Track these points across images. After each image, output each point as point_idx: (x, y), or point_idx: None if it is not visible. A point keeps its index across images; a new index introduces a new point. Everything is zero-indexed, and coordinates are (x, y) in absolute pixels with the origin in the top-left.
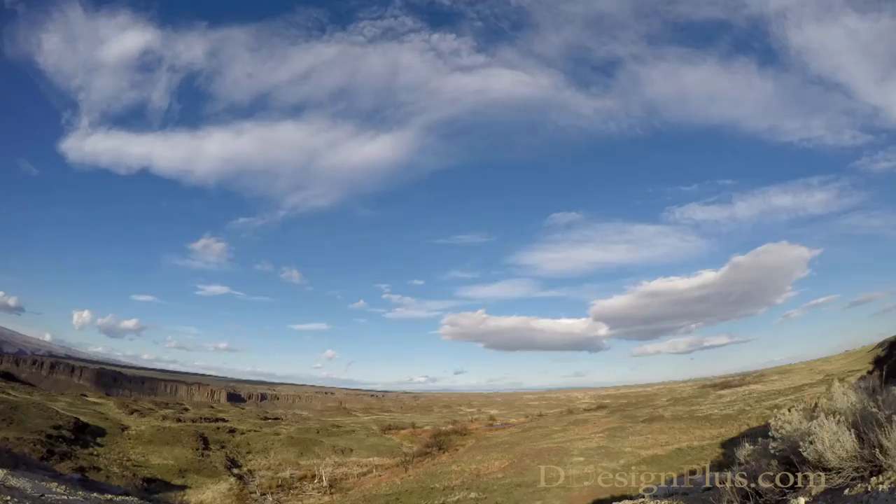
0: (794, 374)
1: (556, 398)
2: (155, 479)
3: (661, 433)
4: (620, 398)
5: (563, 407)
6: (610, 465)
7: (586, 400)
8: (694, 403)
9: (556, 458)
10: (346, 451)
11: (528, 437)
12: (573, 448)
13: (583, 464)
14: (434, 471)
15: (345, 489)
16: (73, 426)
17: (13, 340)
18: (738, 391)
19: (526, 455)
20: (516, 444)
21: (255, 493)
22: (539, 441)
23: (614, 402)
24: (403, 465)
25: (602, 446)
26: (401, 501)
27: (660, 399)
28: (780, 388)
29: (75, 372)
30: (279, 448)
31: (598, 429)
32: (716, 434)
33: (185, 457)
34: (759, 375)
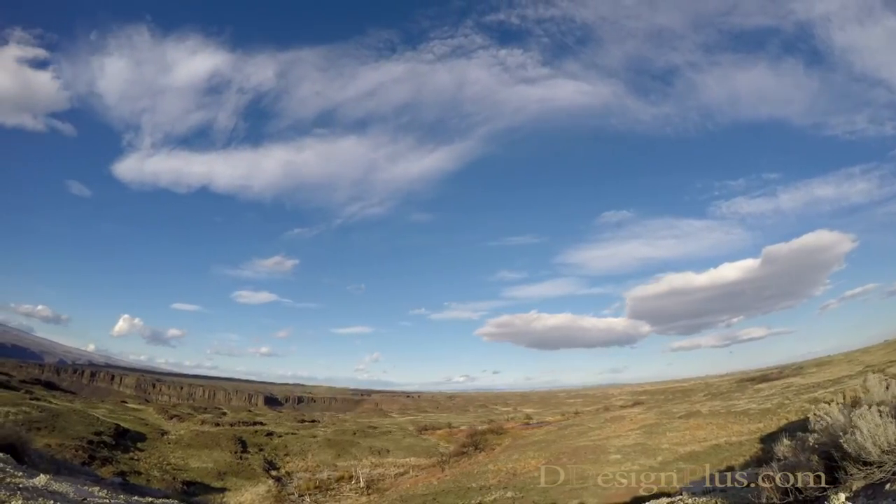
0: (833, 366)
1: (593, 395)
2: (194, 482)
3: (698, 429)
4: (657, 394)
5: (599, 404)
6: (647, 463)
7: (622, 397)
8: (731, 398)
9: (593, 455)
10: (382, 452)
11: (564, 436)
12: (610, 446)
13: (620, 461)
14: (470, 470)
15: (382, 490)
16: (114, 432)
17: (54, 351)
18: (776, 385)
19: (562, 453)
20: (553, 443)
21: (292, 494)
22: (575, 439)
23: (651, 399)
24: (440, 464)
25: (639, 443)
26: (438, 501)
27: (697, 394)
28: (819, 381)
29: (115, 379)
30: (316, 450)
31: (635, 425)
32: (754, 429)
33: (223, 460)
34: (797, 368)
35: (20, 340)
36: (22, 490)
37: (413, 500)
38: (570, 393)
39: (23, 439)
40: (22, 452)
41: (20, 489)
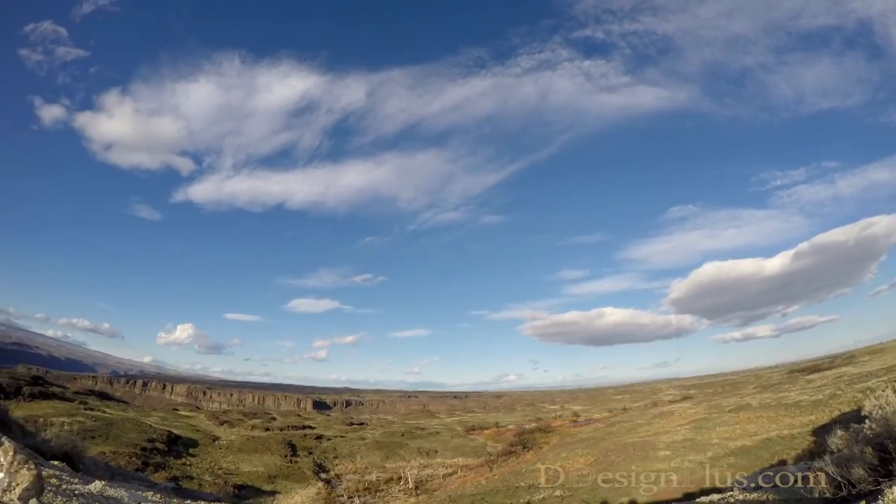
0: (885, 354)
1: (641, 391)
2: (245, 486)
3: (748, 423)
4: (706, 388)
5: (647, 399)
6: (697, 458)
7: (671, 391)
8: (782, 390)
9: (642, 452)
10: (430, 453)
11: (612, 433)
12: (659, 442)
13: (669, 458)
14: (518, 469)
15: (430, 490)
16: (166, 438)
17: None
18: (828, 375)
19: (611, 451)
20: (601, 440)
21: (342, 496)
22: (624, 436)
23: (700, 393)
24: (488, 464)
25: (688, 439)
26: (486, 501)
27: (747, 387)
28: (872, 370)
29: (167, 388)
30: (365, 452)
31: (684, 421)
32: (806, 421)
33: (274, 463)
34: (848, 357)
35: (73, 354)
36: (78, 496)
37: (461, 501)
38: (618, 389)
39: (77, 448)
40: (77, 460)
41: (76, 495)
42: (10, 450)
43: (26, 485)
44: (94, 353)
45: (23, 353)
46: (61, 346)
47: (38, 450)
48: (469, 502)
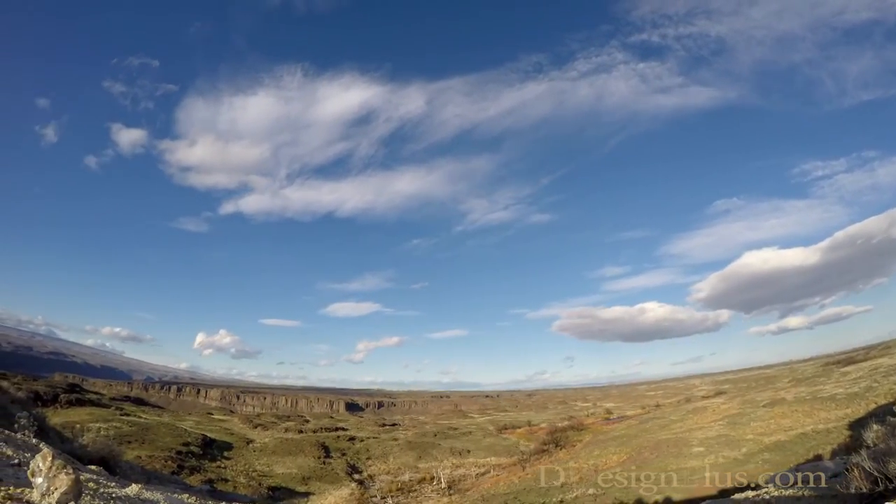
0: None
1: (674, 387)
2: (280, 488)
3: (783, 417)
4: (739, 382)
5: (680, 395)
6: (731, 455)
7: (704, 387)
8: (817, 383)
9: (675, 449)
10: (463, 453)
11: (645, 430)
12: (692, 438)
13: (703, 454)
14: (551, 468)
15: (463, 490)
16: (201, 442)
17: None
18: (863, 366)
19: (644, 448)
20: (634, 437)
21: (375, 496)
22: (657, 432)
23: (733, 387)
24: (521, 463)
25: (722, 434)
26: (519, 500)
27: (781, 381)
28: None
29: (201, 393)
30: (398, 453)
31: (718, 416)
32: (842, 415)
33: (307, 465)
34: (884, 348)
35: (109, 361)
36: (115, 499)
37: (494, 500)
38: (650, 385)
39: (114, 452)
40: (114, 464)
41: (113, 498)
42: (49, 455)
43: (64, 489)
44: (129, 361)
45: (59, 362)
46: (97, 354)
47: (76, 455)
48: (502, 501)
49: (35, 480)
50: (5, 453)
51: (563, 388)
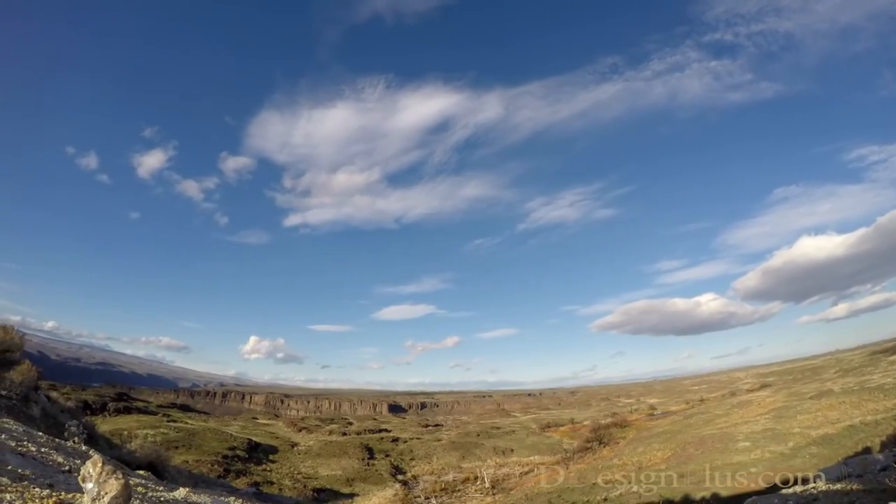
0: None
1: (718, 381)
2: (324, 489)
3: (830, 409)
4: (785, 374)
5: (724, 389)
6: (778, 449)
7: (749, 380)
8: (864, 373)
9: (721, 444)
10: (506, 452)
11: (689, 425)
12: (737, 433)
13: (749, 449)
14: (595, 465)
15: (507, 489)
16: (247, 446)
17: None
18: None
19: (689, 444)
20: (678, 433)
21: (419, 497)
22: (701, 428)
23: (779, 380)
24: (564, 461)
25: (768, 428)
26: (563, 498)
27: (827, 371)
28: None
29: (245, 398)
30: (441, 453)
31: (763, 410)
32: (890, 406)
33: (351, 467)
34: None
35: (155, 370)
36: (163, 503)
37: (538, 499)
38: (694, 380)
39: (161, 457)
40: (161, 469)
41: (162, 502)
42: (99, 462)
43: (114, 493)
44: (174, 369)
45: (107, 372)
46: (143, 363)
47: (124, 461)
48: (545, 500)
49: (86, 486)
50: (56, 460)
51: (607, 385)
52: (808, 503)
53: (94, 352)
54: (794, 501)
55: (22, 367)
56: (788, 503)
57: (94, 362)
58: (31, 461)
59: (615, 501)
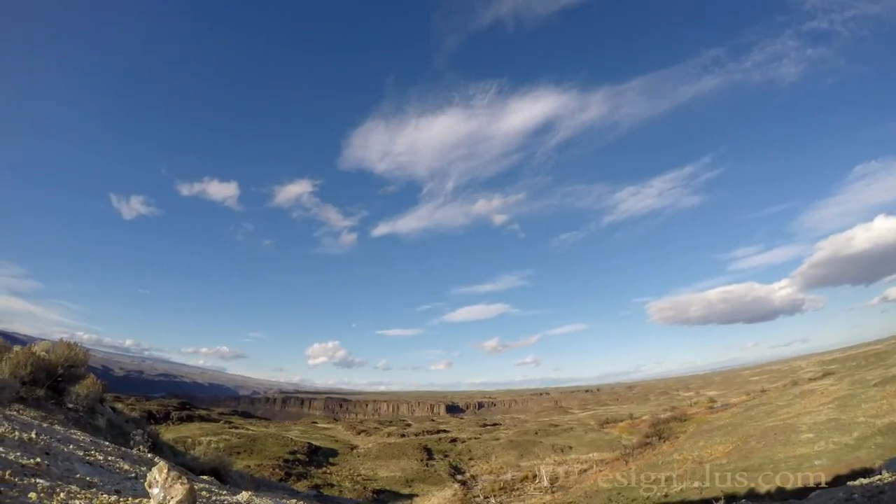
0: None
1: (778, 370)
2: (384, 490)
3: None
4: (848, 361)
5: (785, 379)
6: (842, 440)
7: (810, 368)
8: None
9: (783, 436)
10: (564, 449)
11: (750, 417)
12: (800, 424)
13: (812, 441)
14: (655, 461)
15: (566, 487)
16: (307, 450)
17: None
18: None
19: (750, 437)
20: (739, 426)
21: (478, 496)
22: (763, 420)
23: (841, 367)
24: (624, 458)
25: (832, 419)
26: (622, 495)
27: (892, 356)
28: None
29: (305, 403)
30: (499, 452)
31: (826, 399)
32: None
33: (410, 468)
34: None
35: (216, 379)
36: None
37: (598, 496)
38: (754, 370)
39: (224, 463)
40: (224, 474)
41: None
42: (164, 468)
43: (180, 497)
44: (234, 377)
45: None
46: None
47: (188, 467)
48: (605, 497)
49: (152, 491)
50: (123, 468)
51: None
52: (874, 496)
53: (157, 364)
54: (860, 494)
55: (87, 381)
56: (854, 496)
57: (156, 374)
58: (99, 469)
59: (676, 497)
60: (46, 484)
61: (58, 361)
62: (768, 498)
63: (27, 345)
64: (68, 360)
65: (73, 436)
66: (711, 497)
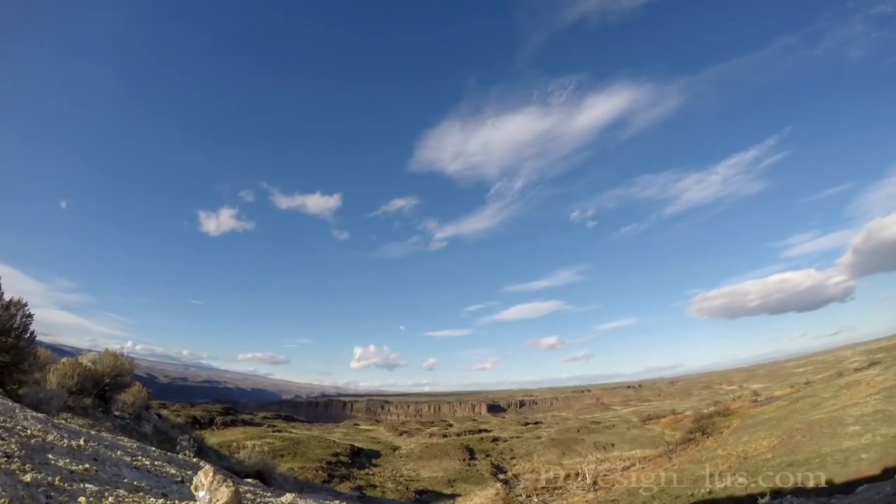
0: None
1: (823, 360)
2: (426, 491)
3: None
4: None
5: (830, 370)
6: (890, 432)
7: (856, 357)
8: None
9: (829, 429)
10: (607, 447)
11: (795, 410)
12: (847, 416)
13: (859, 433)
14: (699, 457)
15: (608, 485)
16: (350, 452)
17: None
18: None
19: (795, 430)
20: (784, 419)
21: (520, 495)
22: (808, 412)
23: (888, 356)
24: (667, 454)
25: (879, 410)
26: (666, 492)
27: None
28: None
29: (347, 406)
30: (541, 450)
31: (873, 390)
32: None
33: (452, 468)
34: None
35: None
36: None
37: (640, 493)
38: (798, 361)
39: (268, 465)
40: (268, 476)
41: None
42: (210, 471)
43: (225, 500)
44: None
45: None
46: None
47: (233, 470)
48: (648, 495)
49: (198, 494)
50: (169, 472)
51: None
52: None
53: (200, 370)
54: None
55: (133, 389)
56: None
57: (200, 380)
58: (146, 474)
59: (721, 494)
60: (95, 488)
61: (104, 371)
62: (815, 493)
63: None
64: (114, 369)
65: (120, 442)
66: (757, 493)
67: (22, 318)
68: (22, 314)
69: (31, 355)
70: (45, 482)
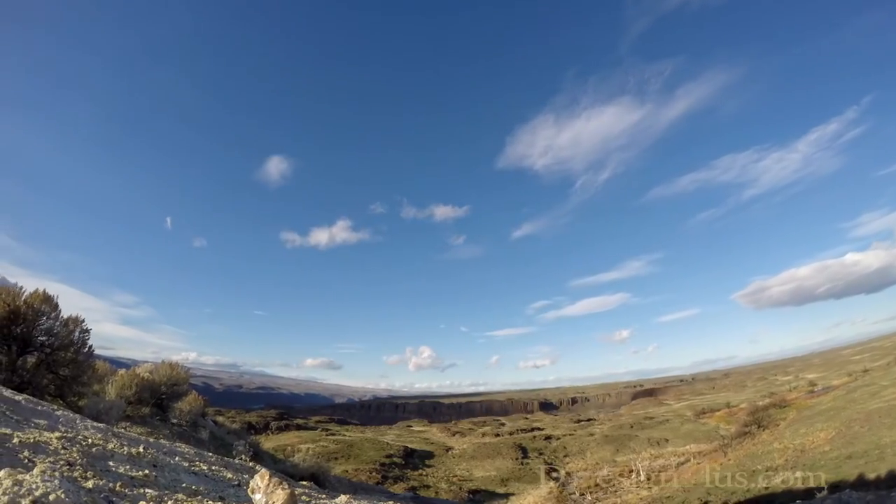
0: None
1: (881, 347)
2: (479, 490)
3: None
4: None
5: (889, 356)
6: None
7: None
8: None
9: (889, 419)
10: (661, 442)
11: (853, 400)
12: None
13: None
14: (754, 451)
15: (663, 481)
16: (402, 453)
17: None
18: None
19: (854, 421)
20: (841, 410)
21: (573, 494)
22: (867, 402)
23: None
24: (722, 449)
25: None
26: (721, 487)
27: None
28: None
29: (399, 408)
30: (594, 448)
31: None
32: None
33: (505, 467)
34: None
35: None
36: None
37: (696, 490)
38: (855, 348)
39: (322, 468)
40: (323, 479)
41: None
42: (266, 475)
43: (282, 502)
44: (329, 386)
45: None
46: (300, 384)
47: (288, 473)
48: (703, 490)
49: (254, 497)
50: (226, 476)
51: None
52: None
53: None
54: None
55: (189, 397)
56: None
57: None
58: (203, 478)
59: (778, 489)
60: (154, 493)
61: (161, 381)
62: (874, 486)
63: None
64: (170, 379)
65: (177, 448)
66: (815, 487)
67: (80, 333)
68: (80, 330)
69: (90, 368)
70: (106, 488)
